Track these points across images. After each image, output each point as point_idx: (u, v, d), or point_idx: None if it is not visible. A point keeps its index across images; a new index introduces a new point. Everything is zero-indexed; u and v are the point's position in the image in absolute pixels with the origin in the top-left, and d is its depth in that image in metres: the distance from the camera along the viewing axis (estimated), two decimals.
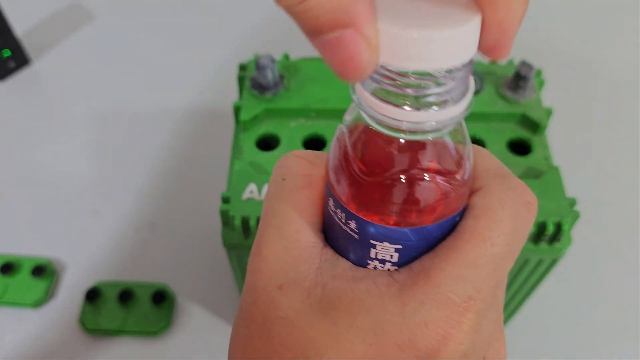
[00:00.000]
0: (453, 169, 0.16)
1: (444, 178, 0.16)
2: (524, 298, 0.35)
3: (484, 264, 0.16)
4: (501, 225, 0.16)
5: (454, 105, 0.15)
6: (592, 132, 0.58)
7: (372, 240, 0.16)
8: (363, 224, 0.16)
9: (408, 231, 0.16)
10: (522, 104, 0.32)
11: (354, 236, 0.17)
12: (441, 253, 0.16)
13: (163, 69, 0.63)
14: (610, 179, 0.54)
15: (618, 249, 0.50)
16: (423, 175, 0.15)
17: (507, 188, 0.17)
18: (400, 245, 0.16)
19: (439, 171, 0.15)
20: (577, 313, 0.47)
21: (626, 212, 0.52)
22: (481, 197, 0.17)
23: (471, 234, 0.16)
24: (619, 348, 0.45)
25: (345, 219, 0.17)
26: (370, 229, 0.16)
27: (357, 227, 0.16)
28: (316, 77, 0.33)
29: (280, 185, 0.18)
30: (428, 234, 0.16)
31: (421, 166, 0.15)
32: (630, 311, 0.47)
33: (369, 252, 0.17)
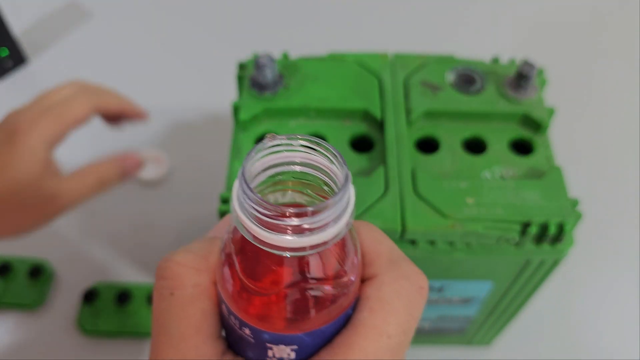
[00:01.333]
0: (341, 274, 0.16)
1: (332, 283, 0.16)
2: (526, 299, 0.35)
3: (381, 356, 0.17)
4: (397, 316, 0.17)
5: (334, 224, 0.15)
6: (594, 132, 0.58)
7: (268, 344, 0.17)
8: (256, 331, 0.17)
9: (302, 335, 0.16)
10: (524, 104, 0.32)
11: (251, 340, 0.17)
12: (339, 350, 0.17)
13: (161, 68, 0.63)
14: (612, 179, 0.54)
15: (620, 250, 0.50)
16: (310, 286, 0.16)
17: (401, 276, 0.18)
18: (296, 345, 0.17)
19: (326, 279, 0.16)
20: (579, 313, 0.46)
21: (629, 213, 0.52)
22: (376, 289, 0.17)
23: (368, 328, 0.17)
24: (620, 348, 0.45)
25: (239, 325, 0.17)
26: (264, 335, 0.17)
27: (252, 333, 0.17)
28: (316, 77, 0.33)
29: (169, 301, 0.17)
30: (322, 333, 0.17)
31: (308, 277, 0.16)
32: (631, 311, 0.46)
33: (267, 352, 0.17)
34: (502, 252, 0.29)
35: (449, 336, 0.43)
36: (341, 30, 0.67)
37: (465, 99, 0.32)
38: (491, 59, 0.34)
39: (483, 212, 0.28)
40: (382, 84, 0.33)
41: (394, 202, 0.28)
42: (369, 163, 0.30)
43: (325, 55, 0.34)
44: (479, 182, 0.29)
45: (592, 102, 0.61)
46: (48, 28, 0.67)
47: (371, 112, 0.31)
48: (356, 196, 0.28)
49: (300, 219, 0.14)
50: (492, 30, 0.68)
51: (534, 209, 0.28)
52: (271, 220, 0.14)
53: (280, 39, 0.65)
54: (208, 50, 0.63)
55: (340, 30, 0.66)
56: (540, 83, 0.33)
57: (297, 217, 0.14)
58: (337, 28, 0.67)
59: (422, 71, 0.33)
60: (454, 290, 0.34)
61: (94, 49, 0.65)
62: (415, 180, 0.29)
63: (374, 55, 0.34)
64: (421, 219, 0.28)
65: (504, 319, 0.39)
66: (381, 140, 0.31)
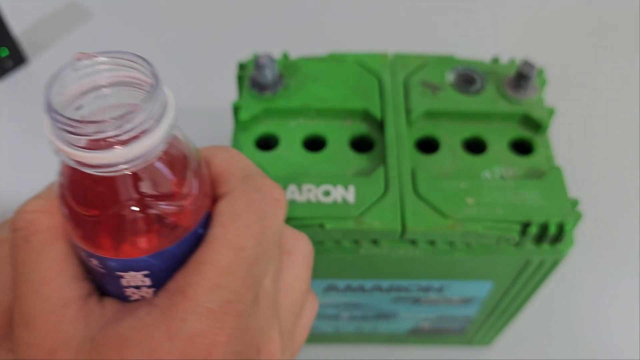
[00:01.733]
0: (176, 191, 0.15)
1: (166, 202, 0.15)
2: (526, 299, 0.35)
3: (236, 270, 0.17)
4: (250, 229, 0.17)
5: (147, 136, 0.14)
6: (594, 132, 0.58)
7: (118, 272, 0.16)
8: (102, 260, 0.16)
9: (147, 258, 0.16)
10: (524, 104, 0.32)
11: (102, 271, 0.17)
12: (193, 268, 0.16)
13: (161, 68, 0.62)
14: (612, 179, 0.54)
15: (621, 250, 0.50)
16: (142, 205, 0.15)
17: (253, 190, 0.18)
18: (147, 270, 0.16)
19: (159, 196, 0.15)
20: (580, 314, 0.46)
21: (629, 213, 0.52)
22: (228, 204, 0.17)
23: (220, 243, 0.17)
24: (620, 348, 0.45)
25: (87, 257, 0.16)
26: (111, 263, 0.16)
27: (100, 263, 0.16)
28: (316, 77, 0.33)
29: (25, 248, 0.17)
30: (171, 254, 0.16)
31: (137, 196, 0.15)
32: (631, 312, 0.47)
33: (121, 282, 0.17)
34: (502, 252, 0.29)
35: (449, 336, 0.43)
36: (341, 30, 0.67)
37: (465, 99, 0.32)
38: (491, 59, 0.34)
39: (483, 212, 0.28)
40: (382, 84, 0.33)
41: (394, 202, 0.28)
42: (369, 163, 0.30)
43: (325, 56, 0.34)
44: (479, 182, 0.29)
45: (592, 102, 0.61)
46: (48, 28, 0.67)
47: (371, 112, 0.31)
48: (357, 196, 0.28)
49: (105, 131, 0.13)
50: (491, 30, 0.68)
51: (534, 209, 0.28)
52: (76, 135, 0.13)
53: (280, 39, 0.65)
54: (208, 50, 0.63)
55: (340, 31, 0.66)
56: (541, 83, 0.33)
57: (99, 129, 0.13)
58: (337, 28, 0.67)
59: (422, 71, 0.33)
60: (454, 290, 0.34)
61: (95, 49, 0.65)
62: (415, 180, 0.29)
63: (374, 55, 0.34)
64: (421, 219, 0.28)
65: (504, 319, 0.39)
66: (381, 140, 0.31)
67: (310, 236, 0.28)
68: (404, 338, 0.43)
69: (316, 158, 0.30)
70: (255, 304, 0.18)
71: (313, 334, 0.43)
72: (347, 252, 0.29)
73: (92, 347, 0.16)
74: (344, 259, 0.30)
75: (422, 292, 0.35)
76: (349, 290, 0.35)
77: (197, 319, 0.16)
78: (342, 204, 0.28)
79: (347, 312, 0.38)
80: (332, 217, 0.27)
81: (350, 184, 0.28)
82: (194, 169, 0.16)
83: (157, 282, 0.17)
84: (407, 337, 0.43)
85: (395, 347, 0.45)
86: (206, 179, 0.17)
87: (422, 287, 0.34)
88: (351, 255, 0.30)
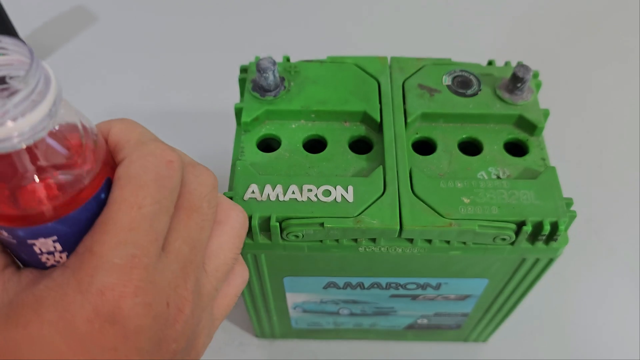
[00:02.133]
0: (70, 160, 0.17)
1: (63, 170, 0.16)
2: (521, 296, 0.36)
3: (138, 225, 0.18)
4: (146, 188, 0.19)
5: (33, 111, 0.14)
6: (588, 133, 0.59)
7: (29, 241, 0.17)
8: (11, 231, 0.17)
9: (53, 224, 0.17)
10: (519, 106, 0.32)
11: (14, 242, 0.18)
12: (98, 229, 0.18)
13: (165, 71, 0.63)
14: (607, 179, 0.55)
15: (614, 249, 0.50)
16: (39, 176, 0.16)
17: (148, 154, 0.19)
18: (56, 236, 0.18)
19: (55, 166, 0.16)
20: (575, 312, 0.47)
21: (623, 212, 0.52)
22: (125, 168, 0.19)
23: (119, 204, 0.18)
24: (615, 346, 0.45)
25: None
26: (20, 233, 0.17)
27: (10, 234, 0.17)
28: (316, 79, 0.33)
29: None
30: (76, 219, 0.18)
31: (35, 167, 0.16)
32: (628, 310, 0.47)
33: (34, 249, 0.18)
34: (497, 250, 0.30)
35: (446, 333, 0.43)
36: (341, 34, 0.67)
37: (461, 101, 0.33)
38: (487, 62, 0.35)
39: (479, 212, 0.29)
40: (381, 87, 0.33)
41: (392, 202, 0.29)
42: (367, 164, 0.31)
43: (326, 59, 0.35)
44: (475, 182, 0.30)
45: (586, 103, 0.61)
46: (54, 31, 0.68)
47: (370, 114, 0.32)
48: (356, 196, 0.28)
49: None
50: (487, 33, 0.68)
51: (528, 209, 0.29)
52: None
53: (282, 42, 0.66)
54: (211, 54, 0.64)
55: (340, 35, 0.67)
56: (536, 85, 0.34)
57: None
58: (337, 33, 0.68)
59: (419, 74, 0.34)
60: (451, 288, 0.35)
61: (100, 52, 0.66)
62: (413, 181, 0.30)
63: (373, 59, 0.35)
64: (418, 218, 0.28)
65: (500, 316, 0.39)
66: (380, 141, 0.32)
67: (311, 235, 0.29)
68: (402, 334, 0.44)
69: (316, 159, 0.31)
70: (161, 258, 0.19)
71: (313, 330, 0.43)
72: (346, 250, 0.30)
73: (10, 309, 0.17)
74: (343, 257, 0.31)
75: (420, 290, 0.35)
76: (348, 288, 0.35)
77: (105, 274, 0.17)
78: (342, 203, 0.29)
79: (346, 309, 0.39)
80: (332, 217, 0.28)
81: (350, 184, 0.29)
82: (88, 139, 0.18)
83: (69, 247, 0.18)
84: (405, 334, 0.44)
85: (393, 343, 0.45)
86: (103, 148, 0.19)
87: (419, 285, 0.35)
88: (350, 254, 0.31)
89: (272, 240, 0.29)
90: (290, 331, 0.44)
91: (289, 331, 0.44)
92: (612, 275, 0.49)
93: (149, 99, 0.61)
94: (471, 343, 0.45)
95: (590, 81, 0.63)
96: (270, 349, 0.45)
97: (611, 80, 0.63)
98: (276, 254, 0.31)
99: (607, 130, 0.59)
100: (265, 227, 0.29)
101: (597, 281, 0.48)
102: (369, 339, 0.45)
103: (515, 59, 0.35)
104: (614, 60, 0.65)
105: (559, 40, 0.68)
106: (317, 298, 0.37)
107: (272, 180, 0.29)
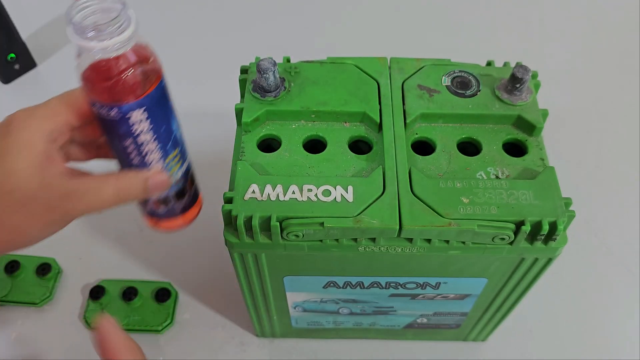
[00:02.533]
0: (144, 59, 0.26)
1: (142, 66, 0.26)
2: (519, 296, 0.36)
3: None
4: None
5: (127, 30, 0.25)
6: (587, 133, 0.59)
7: (128, 114, 0.26)
8: (119, 107, 0.26)
9: (143, 100, 0.26)
10: (518, 106, 0.33)
11: (117, 117, 0.26)
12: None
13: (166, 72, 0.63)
14: (606, 180, 0.55)
15: (614, 248, 0.50)
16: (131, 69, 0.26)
17: None
18: (145, 106, 0.27)
19: (140, 62, 0.26)
20: (573, 312, 0.47)
21: (622, 212, 0.53)
22: None
23: None
24: (614, 345, 0.45)
25: (107, 111, 0.26)
26: (123, 108, 0.26)
27: (118, 110, 0.26)
28: (316, 80, 0.34)
29: (6, 129, 0.27)
30: (153, 96, 0.27)
31: (128, 64, 0.26)
32: (627, 310, 0.47)
33: (129, 122, 0.27)
34: (496, 250, 0.30)
35: (445, 332, 0.44)
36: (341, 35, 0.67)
37: (461, 102, 0.33)
38: (486, 63, 0.35)
39: (478, 212, 0.29)
40: (381, 87, 0.33)
41: (392, 201, 0.29)
42: (367, 164, 0.31)
43: (326, 60, 0.35)
44: (474, 182, 0.30)
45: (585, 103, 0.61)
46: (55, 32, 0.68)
47: (370, 115, 0.32)
48: (356, 196, 0.29)
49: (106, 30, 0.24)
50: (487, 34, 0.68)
51: (527, 209, 0.29)
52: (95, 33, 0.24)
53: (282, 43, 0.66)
54: (212, 55, 0.64)
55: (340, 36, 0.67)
56: (535, 86, 0.34)
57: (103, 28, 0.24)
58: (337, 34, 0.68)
59: (419, 75, 0.34)
60: (450, 287, 0.35)
61: None
62: (412, 181, 0.30)
63: (372, 59, 0.35)
64: (417, 218, 0.28)
65: (499, 315, 0.39)
66: (379, 142, 0.32)
67: (311, 235, 0.29)
68: (402, 333, 0.44)
69: (316, 159, 0.31)
70: None
71: (313, 329, 0.43)
72: (346, 249, 0.30)
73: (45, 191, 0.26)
74: (343, 256, 0.31)
75: (419, 289, 0.36)
76: (348, 287, 0.35)
77: None
78: (342, 203, 0.29)
79: (346, 308, 0.39)
80: (331, 216, 0.28)
81: (350, 184, 0.29)
82: (153, 53, 0.27)
83: (151, 115, 0.27)
84: (405, 333, 0.44)
85: (393, 342, 0.46)
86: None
87: (419, 284, 0.35)
88: (350, 253, 0.31)
89: (273, 240, 0.29)
90: (291, 330, 0.44)
91: (289, 330, 0.44)
92: (611, 275, 0.49)
93: None
94: (470, 342, 0.45)
95: (590, 81, 0.63)
96: (271, 348, 0.45)
97: (611, 80, 0.64)
98: (276, 254, 0.31)
99: (606, 131, 0.59)
100: (266, 227, 0.29)
101: (596, 281, 0.49)
102: (369, 338, 0.45)
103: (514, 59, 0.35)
104: (614, 61, 0.66)
105: (558, 40, 0.68)
106: (317, 297, 0.37)
107: (273, 180, 0.29)
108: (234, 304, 0.47)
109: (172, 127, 0.29)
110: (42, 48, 0.65)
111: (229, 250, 0.31)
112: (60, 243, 0.50)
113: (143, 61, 0.26)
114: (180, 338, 0.45)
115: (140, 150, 0.28)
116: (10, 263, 0.46)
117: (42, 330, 0.45)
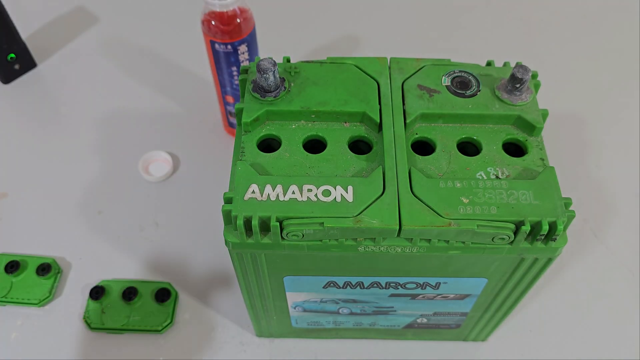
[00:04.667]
0: (245, 11, 0.43)
1: (244, 15, 0.43)
2: (520, 296, 0.36)
3: None
4: None
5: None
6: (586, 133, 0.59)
7: (238, 47, 0.45)
8: (232, 45, 0.43)
9: (244, 38, 0.44)
10: (518, 106, 0.33)
11: (231, 50, 0.44)
12: None
13: (166, 71, 0.64)
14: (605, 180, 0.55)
15: (613, 248, 0.50)
16: (239, 17, 0.43)
17: None
18: (246, 43, 0.45)
19: (241, 14, 0.43)
20: (573, 312, 0.47)
21: (621, 212, 0.53)
22: None
23: None
24: (613, 346, 0.45)
25: (224, 46, 0.43)
26: (235, 44, 0.43)
27: (231, 47, 0.44)
28: (316, 80, 0.34)
29: None
30: (252, 35, 0.45)
31: (239, 13, 0.43)
32: (627, 310, 0.47)
33: (238, 51, 0.46)
34: (496, 250, 0.30)
35: (445, 332, 0.44)
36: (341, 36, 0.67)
37: (460, 102, 0.33)
38: (486, 63, 0.35)
39: (478, 212, 0.29)
40: (381, 87, 0.33)
41: (392, 201, 0.29)
42: (367, 164, 0.31)
43: (326, 60, 0.35)
44: (474, 182, 0.30)
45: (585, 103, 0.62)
46: (55, 32, 0.68)
47: (370, 115, 0.32)
48: (356, 196, 0.29)
49: None
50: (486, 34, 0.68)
51: (527, 209, 0.29)
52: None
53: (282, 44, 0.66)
54: None
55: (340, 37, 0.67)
56: (535, 86, 0.34)
57: None
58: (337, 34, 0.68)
59: (419, 75, 0.34)
60: (450, 287, 0.35)
61: (101, 53, 0.66)
62: (412, 181, 0.30)
63: (372, 59, 0.35)
64: (417, 218, 0.28)
65: (499, 315, 0.39)
66: (379, 142, 0.32)
67: (311, 235, 0.29)
68: (402, 333, 0.44)
69: (316, 159, 0.31)
70: None
71: (313, 329, 0.43)
72: (346, 249, 0.30)
73: None
74: (343, 256, 0.31)
75: (419, 289, 0.36)
76: (348, 287, 0.36)
77: None
78: (342, 203, 0.29)
79: (346, 308, 0.39)
80: (331, 216, 0.28)
81: (349, 184, 0.29)
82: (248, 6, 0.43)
83: (250, 48, 0.45)
84: (405, 333, 0.44)
85: (393, 342, 0.46)
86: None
87: (418, 284, 0.35)
88: (350, 253, 0.31)
89: (273, 240, 0.29)
90: (290, 330, 0.44)
91: (289, 330, 0.44)
92: (611, 275, 0.49)
93: (150, 99, 0.61)
94: (470, 342, 0.46)
95: (590, 81, 0.63)
96: (270, 348, 0.45)
97: (611, 80, 0.64)
98: (276, 254, 0.31)
99: (606, 130, 0.59)
100: (266, 227, 0.29)
101: (596, 281, 0.49)
102: (369, 338, 0.45)
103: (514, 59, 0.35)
104: (613, 60, 0.66)
105: (558, 40, 0.68)
106: (317, 297, 0.37)
107: (273, 180, 0.29)
108: (234, 304, 0.47)
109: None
110: (42, 48, 0.65)
111: (229, 250, 0.31)
112: (60, 243, 0.51)
113: (244, 13, 0.43)
114: (180, 338, 0.45)
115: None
116: (10, 263, 0.47)
117: (42, 331, 0.45)
